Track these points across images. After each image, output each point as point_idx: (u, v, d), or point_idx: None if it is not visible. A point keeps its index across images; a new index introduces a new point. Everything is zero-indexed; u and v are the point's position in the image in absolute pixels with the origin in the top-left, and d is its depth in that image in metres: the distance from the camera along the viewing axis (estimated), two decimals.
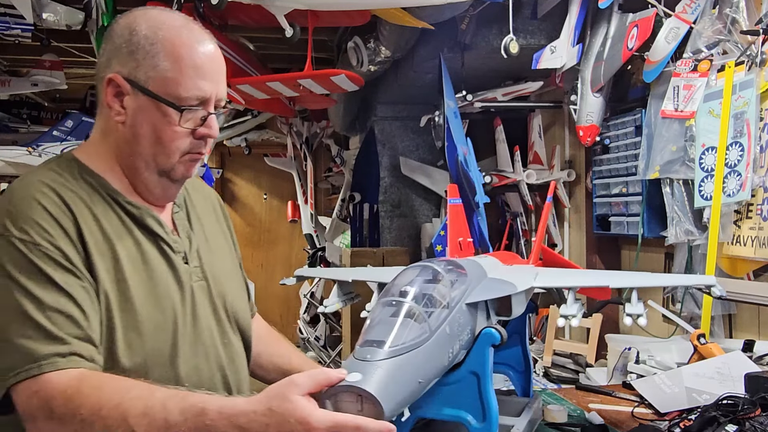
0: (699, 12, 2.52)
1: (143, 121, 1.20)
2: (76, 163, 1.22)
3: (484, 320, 1.39)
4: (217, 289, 1.32)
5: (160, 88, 1.18)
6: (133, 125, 1.20)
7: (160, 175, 1.24)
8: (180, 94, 1.19)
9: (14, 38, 4.15)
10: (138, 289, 1.17)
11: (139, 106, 1.19)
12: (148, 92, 1.18)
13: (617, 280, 1.68)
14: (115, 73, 1.19)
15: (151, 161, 1.23)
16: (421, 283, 1.28)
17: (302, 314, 6.95)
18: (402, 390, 1.07)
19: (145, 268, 1.20)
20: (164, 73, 1.18)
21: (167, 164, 1.23)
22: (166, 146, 1.21)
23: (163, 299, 1.21)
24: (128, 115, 1.20)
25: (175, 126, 1.20)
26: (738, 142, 2.30)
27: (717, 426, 1.53)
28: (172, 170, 1.24)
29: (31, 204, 1.12)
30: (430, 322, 1.19)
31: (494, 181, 3.90)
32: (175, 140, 1.21)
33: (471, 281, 1.38)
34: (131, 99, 1.19)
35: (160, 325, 1.19)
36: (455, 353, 1.27)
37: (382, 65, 3.87)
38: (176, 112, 1.19)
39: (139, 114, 1.20)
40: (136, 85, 1.18)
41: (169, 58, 1.18)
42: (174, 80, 1.19)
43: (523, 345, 1.79)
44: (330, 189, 7.75)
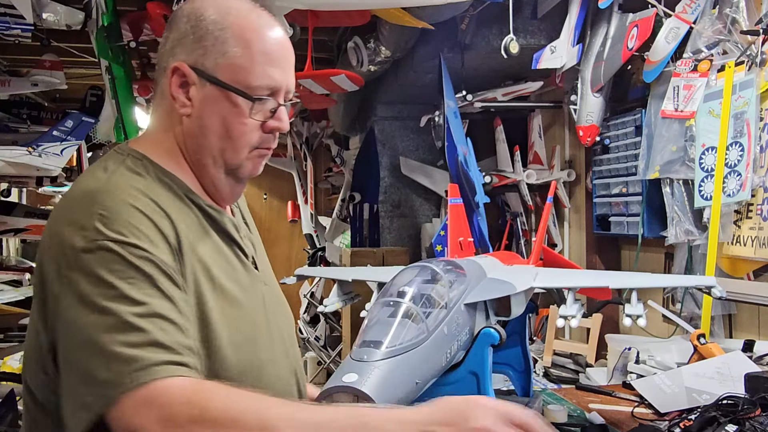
0: (699, 12, 2.52)
1: (211, 112, 1.11)
2: (149, 162, 1.11)
3: (483, 320, 1.39)
4: (276, 293, 1.28)
5: (230, 76, 1.10)
6: (200, 117, 1.11)
7: (227, 174, 1.16)
8: (250, 82, 1.10)
9: (14, 38, 4.14)
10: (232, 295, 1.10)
11: (206, 96, 1.10)
12: (216, 81, 1.09)
13: (617, 281, 1.68)
14: (180, 62, 1.09)
15: (218, 157, 1.14)
16: (420, 284, 1.29)
17: (302, 314, 6.95)
18: (398, 391, 1.07)
19: (233, 275, 1.13)
20: (234, 59, 1.09)
21: (235, 160, 1.14)
22: (235, 140, 1.12)
23: (249, 308, 1.14)
24: (194, 106, 1.11)
25: (245, 118, 1.11)
26: (738, 142, 2.30)
27: (717, 426, 1.54)
28: (240, 167, 1.15)
29: (126, 207, 1.01)
30: (427, 322, 1.19)
31: (494, 181, 3.90)
32: (245, 134, 1.12)
33: (470, 281, 1.38)
34: (198, 89, 1.10)
35: (249, 335, 1.11)
36: (453, 353, 1.27)
37: (382, 65, 3.87)
38: (247, 103, 1.11)
39: (207, 105, 1.11)
40: (203, 74, 1.09)
41: (240, 44, 1.10)
42: (244, 68, 1.10)
43: (523, 345, 1.79)
44: (330, 189, 7.75)
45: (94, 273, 0.95)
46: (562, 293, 1.78)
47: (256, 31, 1.11)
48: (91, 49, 4.08)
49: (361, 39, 3.76)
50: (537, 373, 2.87)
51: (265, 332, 1.16)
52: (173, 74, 1.10)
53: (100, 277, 0.95)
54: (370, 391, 1.02)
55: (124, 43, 3.68)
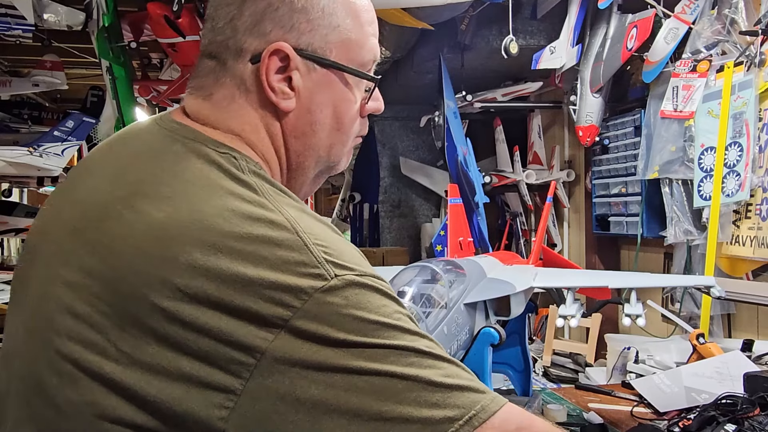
0: (698, 12, 2.53)
1: (322, 103, 0.88)
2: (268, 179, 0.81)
3: (482, 320, 1.39)
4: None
5: (344, 55, 0.87)
6: (309, 111, 0.87)
7: (321, 172, 0.94)
8: (363, 57, 0.90)
9: (15, 39, 4.16)
10: None
11: (316, 83, 0.87)
12: (332, 64, 0.86)
13: (616, 281, 1.69)
14: (280, 42, 0.82)
15: (324, 154, 0.91)
16: (420, 283, 1.29)
17: None
18: None
19: None
20: (347, 33, 0.87)
21: (340, 155, 0.94)
22: (345, 132, 0.92)
23: None
24: (301, 97, 0.86)
25: (354, 103, 0.92)
26: (737, 143, 2.31)
27: (716, 425, 1.54)
28: (339, 163, 0.95)
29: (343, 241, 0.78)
30: (427, 322, 1.19)
31: (494, 181, 3.91)
32: (353, 122, 0.93)
33: (470, 281, 1.38)
34: (303, 76, 0.85)
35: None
36: (453, 353, 1.27)
37: (381, 65, 3.87)
38: (358, 85, 0.91)
39: (317, 94, 0.87)
40: (311, 56, 0.85)
41: (349, 14, 0.88)
42: (358, 42, 0.89)
43: (523, 344, 1.79)
44: (330, 189, 7.75)
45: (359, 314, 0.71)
46: (562, 293, 1.79)
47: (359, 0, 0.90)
48: (91, 50, 4.09)
49: None
50: (536, 372, 2.88)
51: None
52: (269, 59, 0.83)
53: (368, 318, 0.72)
54: None
55: (125, 43, 3.69)
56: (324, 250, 0.72)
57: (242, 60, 0.84)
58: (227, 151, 0.81)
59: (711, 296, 1.60)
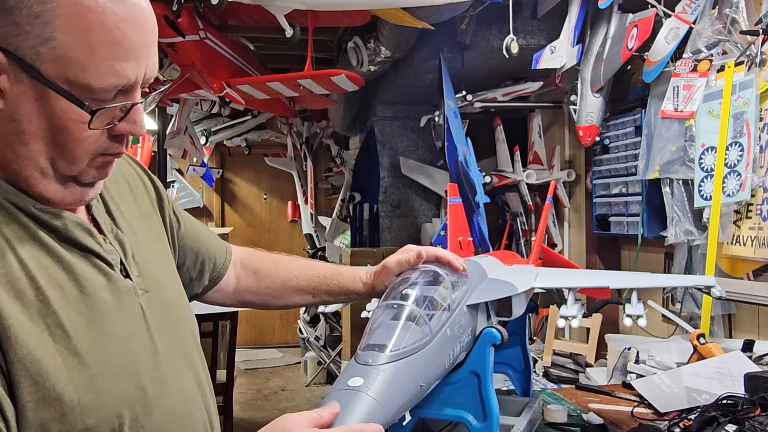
0: (699, 12, 2.53)
1: (32, 113, 0.80)
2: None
3: (484, 321, 1.39)
4: (164, 297, 1.03)
5: (58, 71, 0.79)
6: (13, 119, 0.80)
7: (64, 182, 0.87)
8: (90, 83, 0.80)
9: None
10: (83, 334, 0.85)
11: (24, 93, 0.79)
12: (39, 77, 0.78)
13: (617, 281, 1.68)
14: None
15: (47, 167, 0.85)
16: (423, 286, 1.28)
17: (302, 314, 6.96)
18: (403, 394, 1.07)
19: (84, 303, 0.87)
20: (64, 51, 0.78)
21: (72, 170, 0.87)
22: (68, 149, 0.84)
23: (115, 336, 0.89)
24: (7, 101, 0.80)
25: (80, 124, 0.82)
26: (738, 142, 2.30)
27: (716, 426, 1.54)
28: (81, 174, 0.88)
29: None
30: (431, 325, 1.19)
31: (494, 181, 3.91)
32: (83, 143, 0.84)
33: (472, 282, 1.38)
34: (10, 80, 0.79)
35: (119, 371, 0.89)
36: (456, 355, 1.27)
37: (382, 65, 3.87)
38: (79, 112, 0.82)
39: (25, 103, 0.80)
40: (19, 60, 0.77)
41: (72, 29, 0.77)
42: (80, 63, 0.79)
43: (523, 345, 1.79)
44: (330, 189, 7.76)
45: None
46: (562, 293, 1.78)
47: (97, 10, 0.79)
48: None
49: (361, 39, 3.76)
50: (537, 372, 2.88)
51: (149, 354, 0.94)
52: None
53: None
54: (376, 395, 1.01)
55: None
56: None
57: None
58: None
59: (711, 296, 1.59)
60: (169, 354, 0.98)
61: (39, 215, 0.86)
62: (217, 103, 6.29)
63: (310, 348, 6.45)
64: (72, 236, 0.89)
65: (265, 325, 7.98)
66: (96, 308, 0.88)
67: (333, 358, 5.90)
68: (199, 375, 1.06)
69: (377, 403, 1.01)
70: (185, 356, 1.03)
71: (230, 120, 7.09)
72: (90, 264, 0.91)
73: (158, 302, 1.00)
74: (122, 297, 0.93)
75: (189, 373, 1.03)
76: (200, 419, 1.03)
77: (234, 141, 7.63)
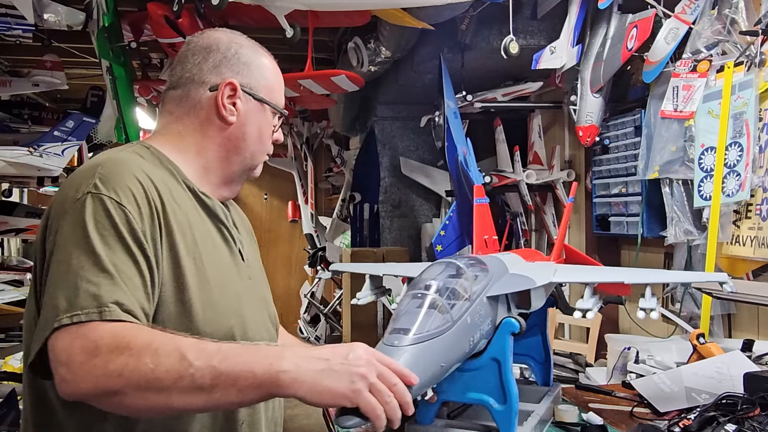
0: (698, 13, 2.53)
1: (253, 122, 1.37)
2: (156, 152, 1.29)
3: (504, 312, 1.50)
4: (263, 293, 1.43)
5: (267, 95, 1.39)
6: (243, 124, 1.36)
7: (246, 172, 1.41)
8: (277, 99, 1.42)
9: (15, 39, 4.15)
10: (212, 271, 1.23)
11: (249, 109, 1.36)
12: (260, 98, 1.37)
13: (633, 277, 1.74)
14: (231, 79, 1.33)
15: (248, 157, 1.39)
16: (446, 278, 1.41)
17: (303, 314, 6.96)
18: (425, 372, 1.19)
19: (217, 254, 1.27)
20: (269, 83, 1.39)
21: (259, 160, 1.42)
22: (264, 144, 1.41)
23: (230, 286, 1.27)
24: (240, 116, 1.35)
25: (270, 128, 1.41)
26: (737, 143, 2.31)
27: (716, 425, 1.54)
28: (255, 168, 1.43)
29: (125, 174, 1.16)
30: (452, 312, 1.31)
31: (494, 181, 3.91)
32: (269, 139, 1.42)
33: (492, 276, 1.49)
34: (243, 103, 1.35)
35: (231, 308, 1.25)
36: (476, 341, 1.38)
37: (382, 65, 3.87)
38: (275, 116, 1.41)
39: (250, 116, 1.36)
40: (248, 91, 1.35)
41: (270, 73, 1.41)
42: (275, 90, 1.41)
43: (544, 336, 1.87)
44: (330, 189, 7.76)
45: (80, 219, 1.09)
46: (563, 296, 1.90)
47: (274, 66, 1.44)
48: (92, 50, 4.09)
49: (361, 39, 3.76)
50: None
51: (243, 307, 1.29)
52: (225, 88, 1.33)
53: (83, 223, 1.09)
54: None
55: (125, 43, 3.69)
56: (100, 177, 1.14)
57: (202, 89, 1.33)
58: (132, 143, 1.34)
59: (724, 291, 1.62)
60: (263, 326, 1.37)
61: (200, 194, 1.31)
62: None
63: None
64: (216, 213, 1.33)
65: None
66: (223, 261, 1.28)
67: None
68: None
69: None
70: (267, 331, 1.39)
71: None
72: (221, 235, 1.32)
73: (258, 291, 1.40)
74: (239, 267, 1.33)
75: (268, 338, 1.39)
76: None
77: None
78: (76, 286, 1.04)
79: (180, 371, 0.98)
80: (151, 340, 1.01)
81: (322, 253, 6.35)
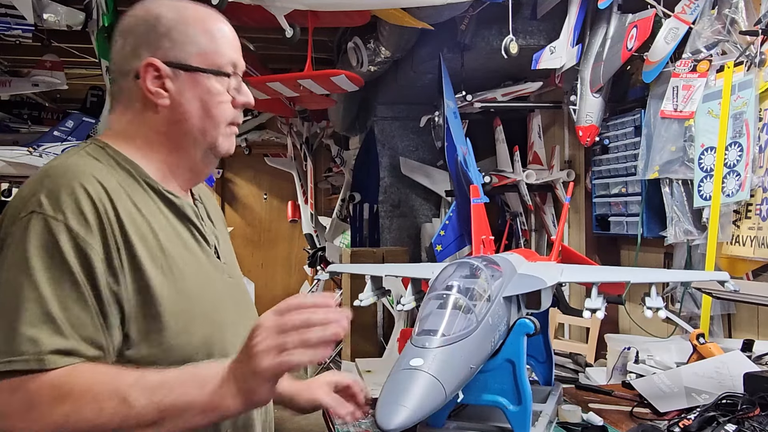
0: (698, 12, 2.53)
1: (191, 97, 1.20)
2: (112, 151, 1.18)
3: (515, 312, 1.51)
4: (241, 289, 1.34)
5: (201, 61, 1.20)
6: (180, 104, 1.20)
7: (207, 150, 1.24)
8: (219, 62, 1.22)
9: (15, 39, 4.16)
10: (183, 277, 1.14)
11: (182, 84, 1.19)
12: (191, 68, 1.19)
13: (637, 276, 1.75)
14: (150, 59, 1.17)
15: (200, 136, 1.22)
16: (465, 278, 1.42)
17: None
18: (457, 374, 1.22)
19: (189, 258, 1.18)
20: (201, 47, 1.20)
21: (215, 136, 1.23)
22: (214, 117, 1.22)
23: (206, 291, 1.18)
24: (172, 96, 1.19)
25: (219, 96, 1.22)
26: (737, 143, 2.31)
27: (716, 425, 1.54)
28: (219, 145, 1.24)
29: (73, 186, 1.06)
30: (476, 313, 1.33)
31: (494, 181, 3.91)
32: (222, 110, 1.23)
33: (505, 276, 1.50)
34: (172, 80, 1.19)
35: (207, 315, 1.16)
36: (495, 342, 1.40)
37: (382, 65, 3.87)
38: (220, 82, 1.22)
39: (185, 92, 1.20)
40: (175, 65, 1.18)
41: (203, 33, 1.21)
42: (212, 51, 1.21)
43: (545, 336, 1.88)
44: (330, 189, 7.76)
45: (22, 244, 1.02)
46: (563, 296, 1.90)
47: (213, 21, 1.24)
48: (91, 50, 4.09)
49: (361, 39, 3.76)
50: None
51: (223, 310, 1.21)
52: (146, 72, 1.17)
53: (25, 249, 1.01)
54: (435, 373, 1.18)
55: None
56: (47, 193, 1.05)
57: (129, 78, 1.19)
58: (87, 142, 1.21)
59: (726, 290, 1.64)
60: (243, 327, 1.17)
61: (165, 194, 1.19)
62: None
63: None
64: (185, 212, 1.22)
65: None
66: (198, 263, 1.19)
67: (333, 357, 5.90)
68: None
69: (437, 380, 1.17)
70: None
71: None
72: (192, 235, 1.22)
73: (237, 289, 1.30)
74: (216, 266, 1.25)
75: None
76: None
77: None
78: (14, 328, 0.97)
79: (123, 413, 0.96)
80: (90, 385, 0.97)
81: (321, 253, 6.35)
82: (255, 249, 8.09)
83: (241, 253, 8.61)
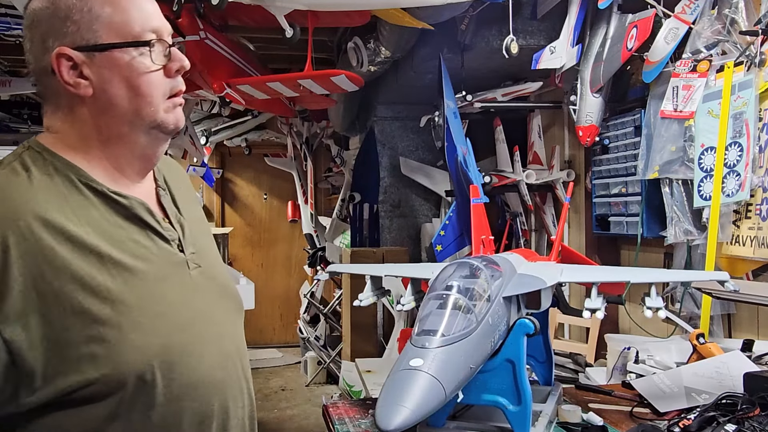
0: (698, 12, 2.53)
1: (112, 79, 1.08)
2: (49, 155, 1.08)
3: (515, 312, 1.51)
4: (215, 276, 1.23)
5: (113, 36, 1.07)
6: (104, 90, 1.08)
7: (150, 131, 1.13)
8: (134, 31, 1.09)
9: (15, 39, 4.16)
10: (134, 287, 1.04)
11: (100, 67, 1.07)
12: (104, 46, 1.06)
13: (637, 276, 1.75)
14: (59, 48, 1.05)
15: (135, 119, 1.10)
16: (464, 278, 1.42)
17: (302, 314, 6.96)
18: (458, 374, 1.22)
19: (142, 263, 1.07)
20: (109, 19, 1.07)
21: (153, 114, 1.11)
22: (146, 95, 1.10)
23: (166, 295, 1.09)
24: (93, 82, 1.07)
25: (144, 69, 1.09)
26: (737, 143, 2.31)
27: (716, 425, 1.54)
28: (162, 122, 1.13)
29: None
30: (476, 314, 1.33)
31: (494, 181, 3.91)
32: (153, 85, 1.10)
33: (505, 276, 1.51)
34: (88, 65, 1.07)
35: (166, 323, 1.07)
36: (495, 342, 1.40)
37: (382, 65, 3.87)
38: (141, 54, 1.09)
39: (105, 74, 1.07)
40: (86, 48, 1.06)
41: (107, 5, 1.08)
42: (122, 22, 1.08)
43: (545, 336, 1.88)
44: (330, 189, 7.76)
45: None
46: (563, 296, 1.91)
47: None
48: None
49: (361, 39, 3.76)
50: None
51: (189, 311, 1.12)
52: (59, 64, 1.06)
53: None
54: (435, 373, 1.18)
55: None
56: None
57: (47, 74, 1.08)
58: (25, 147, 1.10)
59: (726, 290, 1.64)
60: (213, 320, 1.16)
61: (111, 196, 1.09)
62: (218, 104, 6.29)
63: (310, 348, 6.46)
64: (135, 213, 1.11)
65: (265, 325, 7.99)
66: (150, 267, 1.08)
67: (333, 357, 5.90)
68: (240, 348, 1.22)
69: (436, 380, 1.17)
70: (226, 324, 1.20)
71: (230, 120, 7.10)
72: (149, 237, 1.11)
73: (210, 279, 1.19)
74: (180, 264, 1.14)
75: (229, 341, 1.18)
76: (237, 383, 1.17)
77: (234, 141, 7.64)
78: None
79: None
80: None
81: (321, 253, 6.36)
82: (255, 249, 8.09)
83: (241, 253, 8.66)
